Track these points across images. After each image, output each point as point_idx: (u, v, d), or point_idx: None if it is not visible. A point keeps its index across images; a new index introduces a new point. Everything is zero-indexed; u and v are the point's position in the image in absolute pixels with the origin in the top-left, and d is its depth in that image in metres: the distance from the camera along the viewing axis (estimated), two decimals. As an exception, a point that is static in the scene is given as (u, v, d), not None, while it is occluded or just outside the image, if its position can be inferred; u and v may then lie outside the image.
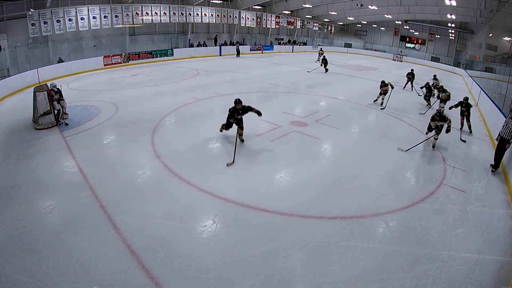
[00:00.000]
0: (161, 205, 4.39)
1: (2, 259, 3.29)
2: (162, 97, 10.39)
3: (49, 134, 6.89)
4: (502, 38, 18.25)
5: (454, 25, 29.80)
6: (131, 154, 6.01)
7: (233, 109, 6.47)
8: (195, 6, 21.16)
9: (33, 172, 5.18)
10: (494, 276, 3.45)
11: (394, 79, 18.00)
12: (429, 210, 4.64)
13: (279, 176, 5.43)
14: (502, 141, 5.95)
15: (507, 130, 5.86)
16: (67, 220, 3.98)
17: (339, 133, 7.81)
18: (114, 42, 18.58)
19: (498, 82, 13.56)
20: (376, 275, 3.32)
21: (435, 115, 6.96)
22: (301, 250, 3.63)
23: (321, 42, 37.56)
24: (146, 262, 3.33)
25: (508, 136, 5.82)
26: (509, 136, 5.80)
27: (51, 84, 8.06)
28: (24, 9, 13.49)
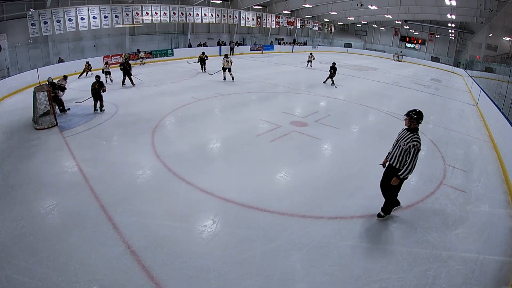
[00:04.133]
0: (161, 205, 4.39)
1: (2, 259, 3.29)
2: (162, 97, 10.39)
3: (49, 134, 6.89)
4: (502, 38, 18.23)
5: (454, 25, 29.82)
6: (131, 154, 6.01)
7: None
8: (195, 6, 21.17)
9: (33, 172, 5.18)
10: (494, 276, 3.45)
11: (395, 79, 18.03)
12: (429, 210, 4.64)
13: (279, 176, 5.43)
14: (391, 170, 4.09)
15: (396, 152, 3.99)
16: (67, 220, 3.98)
17: (339, 133, 7.81)
18: (114, 42, 18.59)
19: (498, 82, 13.55)
20: (376, 275, 3.32)
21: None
22: (301, 250, 3.63)
23: (321, 42, 37.60)
24: (146, 262, 3.32)
25: (396, 162, 3.97)
26: (397, 162, 3.96)
27: (48, 79, 8.36)
28: (24, 9, 13.49)
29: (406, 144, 3.87)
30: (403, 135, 3.99)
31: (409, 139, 3.86)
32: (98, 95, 8.57)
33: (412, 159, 3.82)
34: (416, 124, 3.90)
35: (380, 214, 4.37)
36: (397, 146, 4.01)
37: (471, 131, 8.97)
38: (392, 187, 4.14)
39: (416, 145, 3.81)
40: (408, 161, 3.86)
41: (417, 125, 3.92)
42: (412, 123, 3.90)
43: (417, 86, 16.51)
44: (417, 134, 3.89)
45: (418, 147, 3.82)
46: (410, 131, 3.93)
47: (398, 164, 3.98)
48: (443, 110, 11.52)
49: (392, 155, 4.08)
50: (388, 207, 4.34)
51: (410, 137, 3.86)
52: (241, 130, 7.53)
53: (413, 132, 3.89)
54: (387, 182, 4.15)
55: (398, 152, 3.97)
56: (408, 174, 3.89)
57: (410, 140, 3.84)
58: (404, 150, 3.90)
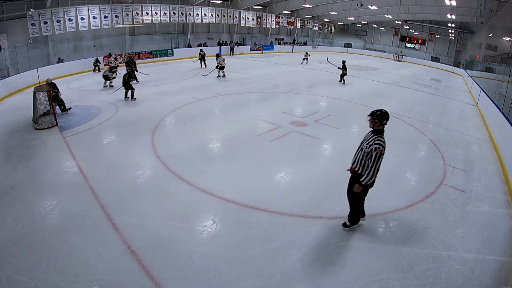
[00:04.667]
0: (161, 205, 4.39)
1: (2, 259, 3.29)
2: (162, 97, 10.39)
3: (49, 134, 6.89)
4: (502, 38, 18.24)
5: (454, 25, 29.82)
6: (131, 154, 6.01)
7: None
8: (195, 6, 21.17)
9: (33, 172, 5.18)
10: (494, 276, 3.45)
11: (395, 79, 18.03)
12: (429, 210, 4.64)
13: (279, 176, 5.43)
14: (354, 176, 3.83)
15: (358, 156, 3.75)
16: (67, 220, 3.98)
17: (339, 133, 7.81)
18: (114, 42, 18.59)
19: (498, 82, 13.56)
20: (376, 275, 3.32)
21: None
22: (301, 250, 3.63)
23: (321, 42, 37.59)
24: (146, 262, 3.32)
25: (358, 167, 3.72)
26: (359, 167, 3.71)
27: (47, 80, 8.37)
28: (24, 9, 13.49)
29: (368, 147, 3.54)
30: (367, 137, 3.67)
31: (371, 142, 3.53)
32: (128, 85, 9.82)
33: (374, 164, 3.49)
34: (380, 125, 3.57)
35: (345, 223, 4.05)
36: (359, 149, 3.70)
37: (471, 131, 8.97)
38: (355, 195, 3.78)
39: (378, 149, 3.46)
40: (369, 166, 3.53)
41: (381, 127, 3.58)
42: (375, 124, 3.57)
43: (417, 86, 16.52)
44: (381, 137, 3.54)
45: (381, 151, 3.46)
46: (373, 133, 3.60)
47: (360, 169, 3.66)
48: (443, 110, 11.52)
49: (355, 159, 3.75)
50: (354, 216, 4.00)
51: (373, 139, 3.54)
52: (241, 130, 7.53)
53: (377, 134, 3.56)
54: (351, 189, 3.79)
55: (360, 156, 3.65)
56: (370, 180, 3.56)
57: (373, 142, 3.51)
58: (366, 154, 3.57)
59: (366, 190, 3.79)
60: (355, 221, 4.06)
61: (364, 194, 3.83)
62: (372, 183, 3.67)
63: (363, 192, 3.78)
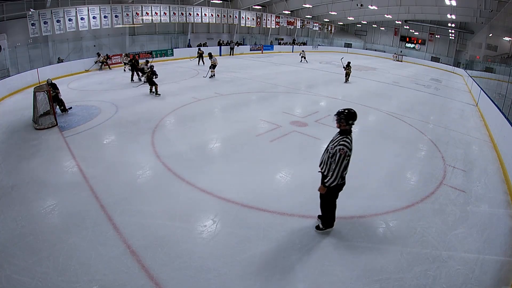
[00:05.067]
0: (161, 205, 4.39)
1: (2, 259, 3.29)
2: (162, 97, 10.39)
3: (49, 134, 6.89)
4: (502, 38, 18.25)
5: (454, 25, 29.82)
6: (131, 154, 6.01)
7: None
8: (195, 6, 21.17)
9: (33, 172, 5.18)
10: (494, 276, 3.45)
11: (394, 79, 18.03)
12: (429, 210, 4.64)
13: (279, 176, 5.43)
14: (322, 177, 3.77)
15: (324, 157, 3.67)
16: (67, 220, 3.98)
17: (339, 133, 7.80)
18: (114, 42, 18.59)
19: (498, 82, 13.56)
20: (376, 275, 3.32)
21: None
22: (301, 250, 3.63)
23: (321, 42, 37.60)
24: (146, 262, 3.32)
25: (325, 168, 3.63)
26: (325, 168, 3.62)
27: (47, 80, 8.39)
28: (24, 9, 13.49)
29: (333, 148, 3.45)
30: (334, 138, 3.57)
31: (336, 143, 3.44)
32: (151, 81, 10.50)
33: (337, 165, 3.38)
34: (346, 125, 3.47)
35: (318, 226, 3.95)
36: (326, 150, 3.58)
37: (471, 131, 8.97)
38: (324, 197, 3.69)
39: (342, 150, 3.35)
40: (333, 168, 3.42)
41: (348, 127, 3.48)
42: (341, 124, 3.48)
43: (417, 86, 16.52)
44: (347, 137, 3.44)
45: (345, 152, 3.36)
46: (340, 133, 3.52)
47: (326, 171, 3.55)
48: (443, 110, 11.52)
49: (321, 160, 3.63)
50: (325, 219, 3.89)
51: (338, 140, 3.44)
52: (241, 130, 7.53)
53: (343, 134, 3.48)
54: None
55: (326, 157, 3.55)
56: (334, 182, 3.45)
57: (337, 143, 3.42)
58: (331, 155, 3.46)
59: (335, 192, 3.66)
60: (328, 224, 3.92)
61: (334, 196, 3.70)
62: (339, 185, 3.56)
63: (331, 195, 3.66)
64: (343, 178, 3.56)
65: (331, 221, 3.91)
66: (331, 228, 3.98)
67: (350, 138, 3.47)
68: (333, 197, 3.73)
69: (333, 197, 3.73)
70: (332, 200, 3.75)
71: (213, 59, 14.25)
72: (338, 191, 3.67)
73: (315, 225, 4.02)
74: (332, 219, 3.91)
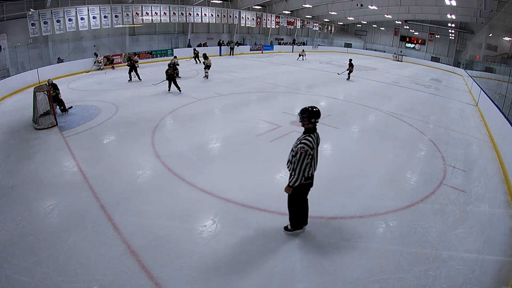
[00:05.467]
0: (161, 205, 4.39)
1: (2, 259, 3.29)
2: (162, 97, 10.39)
3: (49, 134, 6.89)
4: (502, 38, 18.25)
5: (454, 25, 29.83)
6: (131, 154, 6.01)
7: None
8: (195, 6, 21.17)
9: (33, 172, 5.18)
10: (494, 276, 3.45)
11: (395, 79, 18.03)
12: (429, 210, 4.64)
13: (279, 176, 5.43)
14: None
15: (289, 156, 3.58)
16: (67, 220, 3.98)
17: (339, 133, 7.81)
18: (114, 42, 18.59)
19: (498, 82, 13.56)
20: (376, 275, 3.32)
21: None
22: (301, 250, 3.63)
23: (321, 42, 37.60)
24: (146, 262, 3.32)
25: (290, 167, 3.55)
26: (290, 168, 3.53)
27: (48, 81, 8.39)
28: (24, 9, 13.49)
29: (296, 146, 3.38)
30: (299, 137, 3.48)
31: (299, 141, 3.37)
32: (172, 78, 10.97)
33: (298, 164, 3.31)
34: (309, 123, 3.38)
35: (287, 226, 3.87)
36: (291, 150, 3.50)
37: (471, 131, 8.97)
38: (289, 197, 3.63)
39: (303, 148, 3.28)
40: (295, 167, 3.36)
41: (311, 125, 3.39)
42: (304, 122, 3.39)
43: (417, 86, 16.52)
44: (310, 135, 3.37)
45: (306, 150, 3.27)
46: (304, 132, 3.45)
47: (291, 170, 3.47)
48: (443, 110, 11.52)
49: (288, 159, 3.56)
50: (293, 220, 3.79)
51: (301, 139, 3.38)
52: (241, 130, 7.53)
53: (306, 133, 3.42)
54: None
55: (291, 156, 3.48)
56: (296, 182, 3.39)
57: (299, 142, 3.35)
58: (294, 154, 3.40)
59: (301, 193, 3.58)
60: (296, 226, 3.82)
61: (299, 196, 3.61)
62: (305, 185, 3.51)
63: (297, 195, 3.58)
64: (309, 178, 3.50)
65: (299, 222, 3.81)
66: (300, 230, 3.87)
67: (313, 137, 3.41)
68: (299, 197, 3.64)
69: (299, 197, 3.64)
70: (297, 200, 3.66)
71: (208, 60, 14.04)
72: (304, 191, 3.60)
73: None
74: (300, 221, 3.81)
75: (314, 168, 3.50)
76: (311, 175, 3.50)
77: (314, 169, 3.52)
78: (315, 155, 3.43)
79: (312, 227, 4.03)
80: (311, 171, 3.46)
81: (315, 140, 3.41)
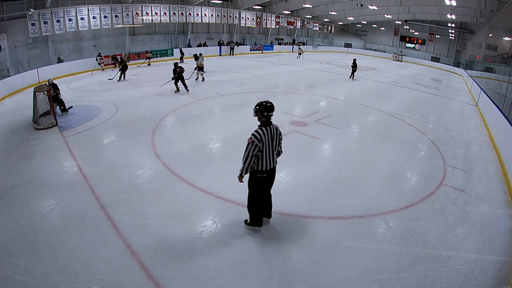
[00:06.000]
0: (161, 205, 4.39)
1: (2, 259, 3.29)
2: (162, 97, 10.39)
3: (49, 134, 6.89)
4: (502, 38, 18.26)
5: (454, 25, 29.83)
6: (131, 154, 6.01)
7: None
8: (195, 6, 21.17)
9: (33, 172, 5.18)
10: (494, 276, 3.45)
11: (395, 79, 18.04)
12: (429, 210, 4.64)
13: (279, 176, 5.40)
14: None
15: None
16: (67, 220, 3.98)
17: (339, 133, 7.81)
18: (114, 42, 18.59)
19: (498, 82, 13.57)
20: (376, 275, 3.32)
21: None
22: (301, 250, 3.63)
23: (321, 42, 37.61)
24: (146, 262, 3.32)
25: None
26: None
27: (48, 81, 8.39)
28: (24, 9, 13.50)
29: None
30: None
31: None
32: (180, 77, 10.97)
33: (245, 153, 3.43)
34: (262, 117, 3.47)
35: (246, 220, 3.95)
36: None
37: (471, 131, 8.97)
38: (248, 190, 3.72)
39: (250, 138, 3.40)
40: (243, 156, 3.47)
41: (264, 119, 3.48)
42: (258, 116, 3.50)
43: (417, 86, 16.52)
44: (262, 128, 3.47)
45: (252, 141, 3.39)
46: (259, 125, 3.54)
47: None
48: (443, 110, 11.52)
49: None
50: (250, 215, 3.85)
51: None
52: (241, 130, 7.50)
53: (260, 126, 3.52)
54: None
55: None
56: (242, 171, 3.50)
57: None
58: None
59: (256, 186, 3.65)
60: (253, 222, 3.85)
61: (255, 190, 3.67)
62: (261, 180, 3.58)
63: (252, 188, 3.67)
64: (265, 171, 3.56)
65: (256, 218, 3.83)
66: (259, 228, 3.88)
67: (265, 130, 3.47)
68: (256, 190, 3.69)
69: (256, 190, 3.69)
70: (254, 194, 3.71)
71: (199, 61, 13.16)
72: (261, 184, 3.65)
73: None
74: (258, 217, 3.82)
75: (268, 161, 3.55)
76: (267, 169, 3.56)
77: (270, 163, 3.57)
78: (266, 148, 3.48)
79: (312, 227, 4.04)
80: (265, 164, 3.53)
81: (268, 134, 3.48)
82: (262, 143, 3.43)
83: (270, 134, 3.50)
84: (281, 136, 3.69)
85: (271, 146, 3.54)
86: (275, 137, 3.57)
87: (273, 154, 3.59)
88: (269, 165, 3.56)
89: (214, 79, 13.89)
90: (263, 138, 3.44)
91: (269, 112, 3.47)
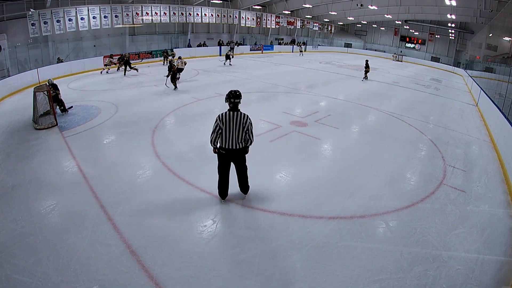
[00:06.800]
0: (161, 205, 4.39)
1: (2, 259, 3.28)
2: (162, 97, 10.39)
3: (49, 134, 6.89)
4: (502, 38, 18.26)
5: (454, 25, 29.84)
6: (131, 154, 6.01)
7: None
8: (195, 6, 21.17)
9: (33, 172, 5.18)
10: (494, 276, 3.45)
11: (395, 79, 18.04)
12: (429, 210, 4.64)
13: (279, 176, 5.43)
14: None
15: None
16: (67, 220, 3.98)
17: (339, 133, 7.81)
18: (114, 42, 18.59)
19: (498, 82, 13.57)
20: (376, 275, 3.32)
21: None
22: (301, 250, 3.63)
23: (321, 42, 37.61)
24: (146, 262, 3.32)
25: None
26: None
27: (48, 81, 8.39)
28: (24, 9, 13.50)
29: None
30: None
31: None
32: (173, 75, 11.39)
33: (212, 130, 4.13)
34: (230, 103, 4.07)
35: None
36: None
37: (471, 131, 8.97)
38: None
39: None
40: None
41: (231, 104, 4.05)
42: (227, 102, 4.09)
43: (417, 86, 16.52)
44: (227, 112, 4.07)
45: (216, 120, 4.06)
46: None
47: None
48: (443, 110, 11.52)
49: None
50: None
51: None
52: (241, 130, 7.52)
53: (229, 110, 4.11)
54: None
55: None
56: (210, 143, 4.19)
57: None
58: None
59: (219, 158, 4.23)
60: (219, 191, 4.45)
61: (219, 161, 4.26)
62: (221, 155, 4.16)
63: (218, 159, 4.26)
64: (224, 149, 4.12)
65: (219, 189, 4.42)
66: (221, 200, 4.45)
67: (230, 114, 4.04)
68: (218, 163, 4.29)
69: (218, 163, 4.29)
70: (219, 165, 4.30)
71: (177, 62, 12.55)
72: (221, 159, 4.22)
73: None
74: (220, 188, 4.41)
75: (228, 141, 4.08)
76: (227, 147, 4.10)
77: (229, 143, 4.09)
78: (227, 129, 4.02)
79: (312, 227, 4.04)
80: (225, 143, 4.09)
81: (231, 117, 4.03)
82: (223, 123, 4.00)
83: (234, 118, 4.03)
84: (248, 125, 4.11)
85: (233, 129, 4.03)
86: (239, 122, 4.03)
87: (235, 137, 4.06)
88: (228, 145, 4.08)
89: (214, 79, 13.89)
90: (224, 119, 4.02)
91: (235, 99, 4.03)
